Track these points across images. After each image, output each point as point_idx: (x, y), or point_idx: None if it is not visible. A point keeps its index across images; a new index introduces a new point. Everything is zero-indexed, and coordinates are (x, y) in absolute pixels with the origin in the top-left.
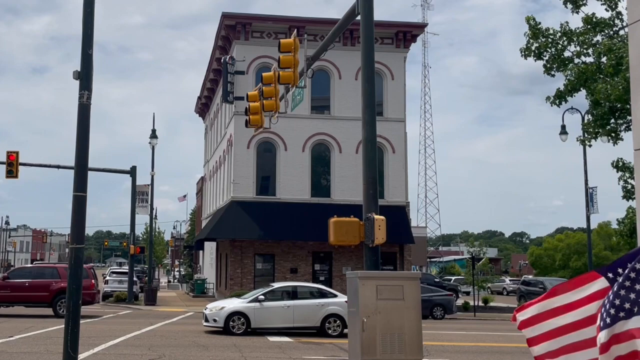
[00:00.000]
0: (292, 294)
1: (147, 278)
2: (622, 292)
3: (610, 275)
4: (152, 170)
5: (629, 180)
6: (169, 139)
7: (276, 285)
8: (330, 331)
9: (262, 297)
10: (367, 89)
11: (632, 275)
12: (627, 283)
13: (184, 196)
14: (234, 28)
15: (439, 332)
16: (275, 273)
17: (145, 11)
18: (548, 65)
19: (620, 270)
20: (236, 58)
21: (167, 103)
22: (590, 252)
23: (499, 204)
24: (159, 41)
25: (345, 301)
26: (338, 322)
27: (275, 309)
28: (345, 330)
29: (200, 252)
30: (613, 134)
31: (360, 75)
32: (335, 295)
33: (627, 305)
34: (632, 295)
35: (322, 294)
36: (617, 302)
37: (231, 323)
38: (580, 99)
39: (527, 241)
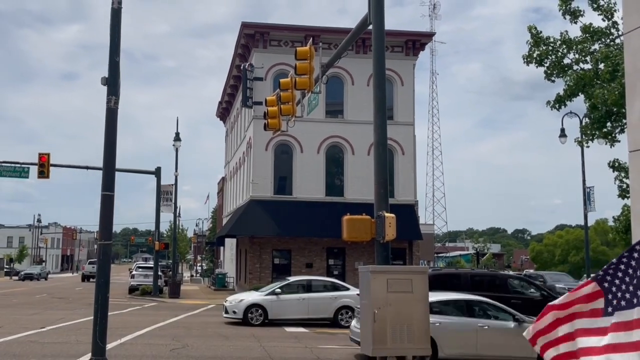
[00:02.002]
0: (307, 287)
1: (171, 272)
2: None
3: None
4: (176, 171)
5: (624, 180)
6: (191, 141)
7: (292, 279)
8: (342, 322)
9: (278, 290)
10: (378, 95)
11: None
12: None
13: (207, 197)
14: (253, 37)
15: None
16: (292, 268)
17: (169, 21)
18: (548, 72)
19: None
20: (255, 65)
21: (190, 108)
22: (587, 247)
23: (502, 202)
24: (183, 49)
25: (357, 294)
26: (350, 313)
27: (291, 302)
28: None
29: (221, 248)
30: (609, 137)
31: (372, 82)
32: (348, 289)
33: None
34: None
35: (335, 287)
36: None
37: (250, 314)
38: (579, 103)
39: (529, 237)
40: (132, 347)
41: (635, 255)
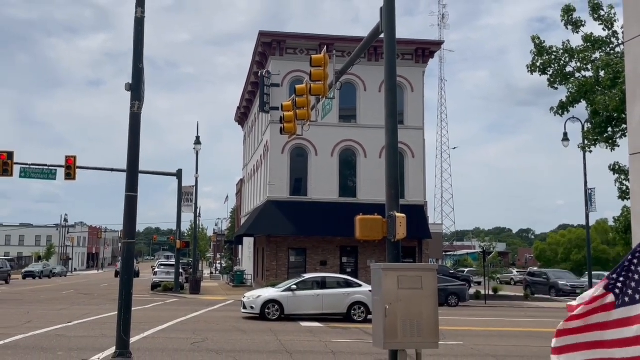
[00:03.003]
0: (321, 283)
1: (191, 270)
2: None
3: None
4: (196, 173)
5: (624, 182)
6: (211, 145)
7: (307, 276)
8: (355, 317)
9: (294, 286)
10: (390, 100)
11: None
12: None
13: (227, 198)
14: (270, 45)
15: (454, 318)
16: (307, 265)
17: (190, 30)
18: (552, 80)
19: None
20: (272, 72)
21: (210, 113)
22: (589, 246)
23: (508, 203)
24: (203, 57)
25: (369, 290)
26: (362, 309)
27: (306, 297)
28: (369, 317)
29: (240, 246)
30: (610, 141)
31: (384, 88)
32: (360, 285)
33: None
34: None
35: (348, 284)
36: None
37: (266, 310)
38: (581, 109)
39: (533, 237)
40: (154, 341)
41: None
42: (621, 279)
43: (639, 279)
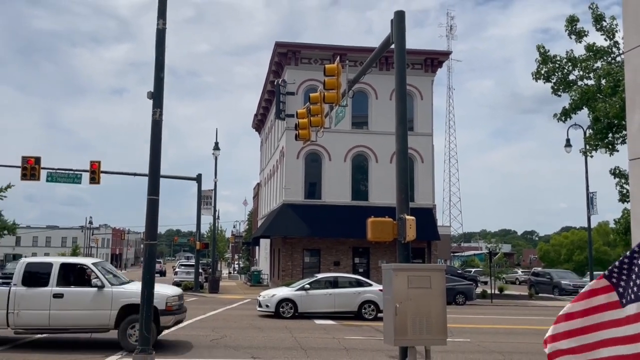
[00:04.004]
0: (334, 283)
1: (210, 270)
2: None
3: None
4: (215, 177)
5: (624, 186)
6: (229, 150)
7: (320, 275)
8: (366, 315)
9: (307, 286)
10: (400, 108)
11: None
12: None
13: (245, 200)
14: (286, 55)
15: (461, 316)
16: (321, 265)
17: (210, 41)
18: (555, 87)
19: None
20: (287, 81)
21: (228, 119)
22: (590, 247)
23: (513, 206)
24: (222, 66)
25: (379, 289)
26: (372, 307)
27: (318, 296)
28: (379, 315)
29: (257, 247)
30: (611, 146)
31: (394, 96)
32: (371, 285)
33: None
34: None
35: (359, 283)
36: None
37: (281, 308)
38: (583, 116)
39: (537, 238)
40: (175, 337)
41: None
42: (623, 277)
43: None
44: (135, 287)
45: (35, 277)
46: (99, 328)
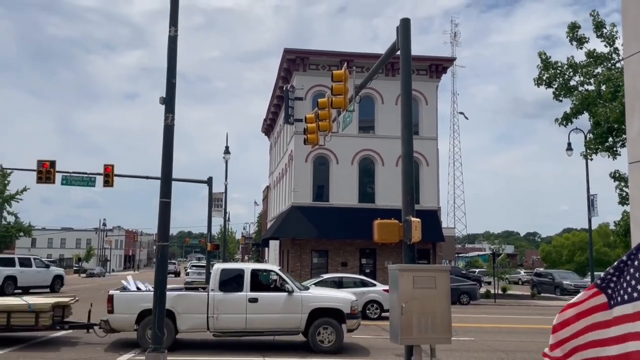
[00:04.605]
0: (339, 283)
1: None
2: (629, 277)
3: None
4: (226, 180)
5: (624, 189)
6: (239, 154)
7: (325, 276)
8: (370, 314)
9: (313, 286)
10: (405, 112)
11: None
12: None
13: (255, 203)
14: (294, 61)
15: (465, 315)
16: (329, 266)
17: (220, 47)
18: (556, 93)
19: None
20: (296, 86)
21: (238, 124)
22: (591, 248)
23: (515, 208)
24: (232, 72)
25: (383, 289)
26: (376, 306)
27: None
28: (383, 314)
29: (266, 248)
30: (611, 150)
31: (400, 101)
32: (375, 285)
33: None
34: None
35: (364, 284)
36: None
37: None
38: (584, 120)
39: (539, 240)
40: (187, 336)
41: (633, 256)
42: (614, 279)
43: (635, 279)
44: (319, 292)
45: (230, 282)
46: (289, 331)
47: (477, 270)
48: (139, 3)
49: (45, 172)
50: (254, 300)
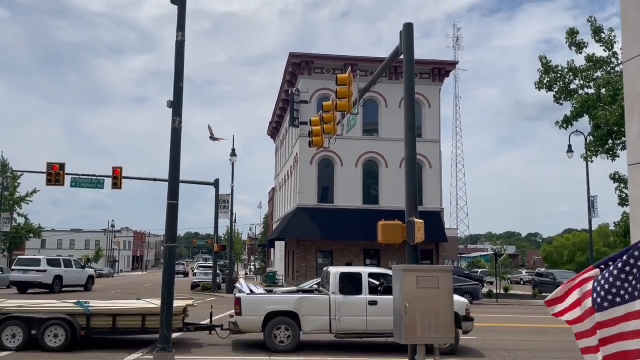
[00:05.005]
0: None
1: (228, 271)
2: (613, 279)
3: (602, 267)
4: (232, 182)
5: (624, 190)
6: (246, 156)
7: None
8: None
9: (316, 286)
10: (409, 115)
11: (624, 267)
12: (616, 272)
13: (260, 204)
14: (299, 65)
15: None
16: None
17: (227, 51)
18: (557, 96)
19: (610, 263)
20: (301, 90)
21: (244, 127)
22: (591, 249)
23: (517, 209)
24: (238, 76)
25: None
26: None
27: None
28: None
29: (272, 249)
30: (611, 152)
31: (403, 104)
32: None
33: (622, 292)
34: (626, 284)
35: None
36: (612, 288)
37: None
38: (584, 123)
39: (540, 240)
40: (194, 336)
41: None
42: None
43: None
44: None
45: (349, 285)
46: None
47: (480, 270)
48: (147, 8)
49: (55, 175)
50: (373, 303)
